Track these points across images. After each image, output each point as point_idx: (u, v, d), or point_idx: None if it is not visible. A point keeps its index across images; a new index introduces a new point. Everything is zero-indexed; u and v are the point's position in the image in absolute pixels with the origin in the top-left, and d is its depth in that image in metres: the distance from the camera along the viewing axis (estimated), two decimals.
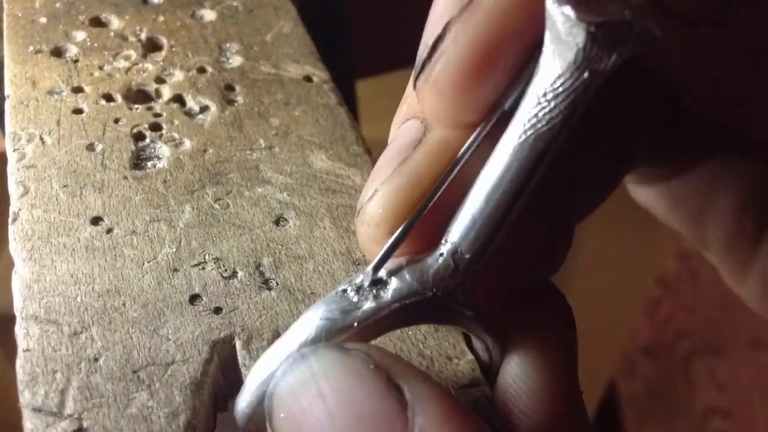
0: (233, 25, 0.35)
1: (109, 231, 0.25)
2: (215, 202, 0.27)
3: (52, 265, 0.24)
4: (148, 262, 0.24)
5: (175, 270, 0.24)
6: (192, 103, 0.31)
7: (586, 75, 0.17)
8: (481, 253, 0.19)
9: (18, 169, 0.27)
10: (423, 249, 0.19)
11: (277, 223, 0.26)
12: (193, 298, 0.23)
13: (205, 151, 0.28)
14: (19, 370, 0.21)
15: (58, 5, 0.35)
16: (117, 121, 0.29)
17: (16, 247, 0.24)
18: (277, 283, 0.24)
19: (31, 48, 0.33)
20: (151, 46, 0.34)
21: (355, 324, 0.18)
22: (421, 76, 0.19)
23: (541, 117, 0.17)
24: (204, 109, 0.31)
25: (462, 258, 0.19)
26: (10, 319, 0.22)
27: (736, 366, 1.41)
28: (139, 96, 0.31)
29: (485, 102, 0.19)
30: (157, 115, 0.30)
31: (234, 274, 0.24)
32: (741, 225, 0.25)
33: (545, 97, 0.17)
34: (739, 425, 1.36)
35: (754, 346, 1.41)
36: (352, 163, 0.29)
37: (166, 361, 0.21)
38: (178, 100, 0.31)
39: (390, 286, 0.19)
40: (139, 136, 0.29)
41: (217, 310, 0.23)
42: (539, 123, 0.18)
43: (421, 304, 0.19)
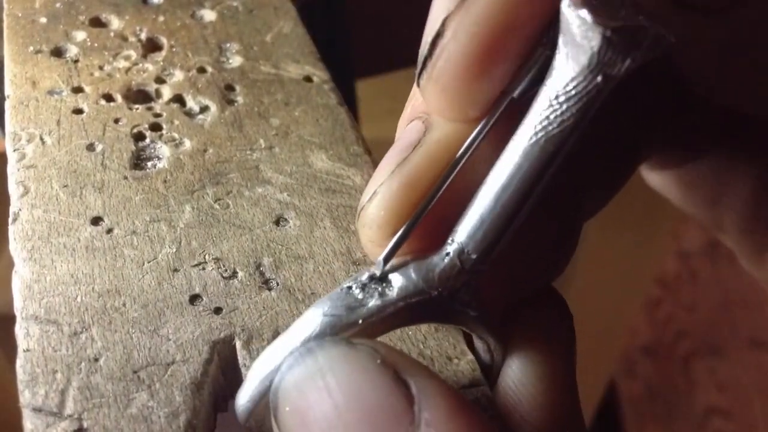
0: (233, 25, 0.35)
1: (109, 231, 0.25)
2: (215, 202, 0.27)
3: (52, 265, 0.24)
4: (149, 262, 0.24)
5: (176, 270, 0.24)
6: (192, 103, 0.31)
7: (599, 79, 0.17)
8: (488, 254, 0.19)
9: (18, 169, 0.27)
10: (428, 248, 0.19)
11: (277, 223, 0.26)
12: (194, 298, 0.23)
13: (205, 151, 0.28)
14: (19, 370, 0.21)
15: (58, 5, 0.35)
16: (117, 121, 0.29)
17: (16, 247, 0.24)
18: (277, 284, 0.24)
19: (31, 48, 0.33)
20: (151, 46, 0.34)
21: (360, 321, 0.18)
22: (423, 73, 0.19)
23: (553, 119, 0.18)
24: (204, 109, 0.30)
25: (468, 258, 0.19)
26: (10, 319, 0.22)
27: (736, 366, 1.41)
28: (139, 96, 0.31)
29: (489, 95, 0.19)
30: (157, 115, 0.30)
31: (234, 274, 0.24)
32: (758, 208, 0.25)
33: (557, 99, 0.17)
34: (739, 425, 1.36)
35: (754, 346, 1.41)
36: (352, 163, 0.29)
37: (167, 361, 0.21)
38: (178, 100, 0.31)
39: (395, 284, 0.19)
40: (139, 136, 0.29)
41: (218, 311, 0.23)
42: (550, 125, 0.18)
43: (425, 303, 0.19)
